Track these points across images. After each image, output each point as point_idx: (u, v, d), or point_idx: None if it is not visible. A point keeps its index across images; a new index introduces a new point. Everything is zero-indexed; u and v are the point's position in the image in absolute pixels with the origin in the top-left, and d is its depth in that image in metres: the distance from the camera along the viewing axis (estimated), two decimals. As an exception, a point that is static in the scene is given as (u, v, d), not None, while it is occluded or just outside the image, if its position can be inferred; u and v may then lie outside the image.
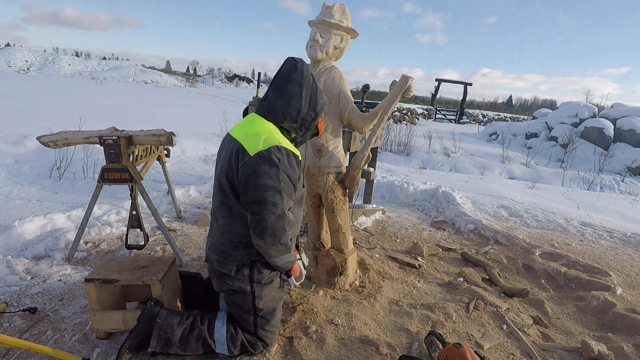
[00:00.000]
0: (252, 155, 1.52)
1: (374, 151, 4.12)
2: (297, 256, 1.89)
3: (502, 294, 2.58)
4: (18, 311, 1.97)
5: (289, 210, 1.60)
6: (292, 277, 1.77)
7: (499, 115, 29.32)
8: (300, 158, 1.65)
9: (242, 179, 1.54)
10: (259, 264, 1.70)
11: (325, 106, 1.74)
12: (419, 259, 3.03)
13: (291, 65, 1.64)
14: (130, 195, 2.68)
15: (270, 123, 1.66)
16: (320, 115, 1.73)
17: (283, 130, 1.70)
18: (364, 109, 3.15)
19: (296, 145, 1.79)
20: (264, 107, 1.67)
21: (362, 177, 3.40)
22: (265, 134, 1.57)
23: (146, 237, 2.72)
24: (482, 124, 24.66)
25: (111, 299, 1.88)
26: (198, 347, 1.67)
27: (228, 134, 1.70)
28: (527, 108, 78.31)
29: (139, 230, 2.94)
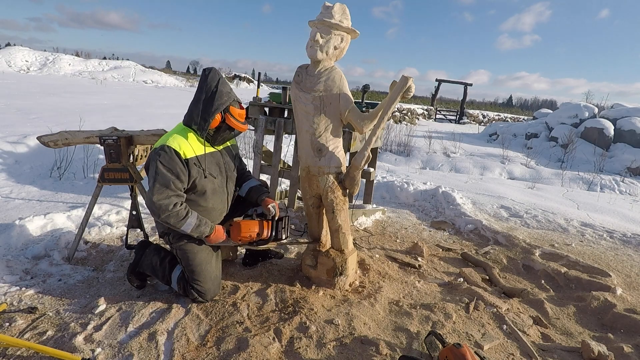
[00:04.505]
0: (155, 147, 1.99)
1: (374, 151, 4.12)
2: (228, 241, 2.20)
3: (502, 294, 2.58)
4: (18, 311, 1.97)
5: (171, 198, 1.93)
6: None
7: (499, 115, 29.27)
8: (188, 155, 1.96)
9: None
10: (171, 234, 2.11)
11: (222, 105, 2.01)
12: (419, 259, 3.03)
13: (202, 75, 2.03)
14: (130, 195, 2.69)
15: (184, 126, 2.06)
16: (215, 116, 2.00)
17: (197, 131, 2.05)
18: (364, 109, 3.15)
19: (216, 143, 2.12)
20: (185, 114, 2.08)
21: (362, 178, 3.40)
22: (166, 135, 2.02)
23: (146, 237, 2.72)
24: (482, 124, 24.65)
25: None
26: (163, 278, 2.19)
27: None
28: (527, 108, 78.24)
29: (139, 230, 2.94)
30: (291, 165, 3.95)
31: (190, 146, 2.01)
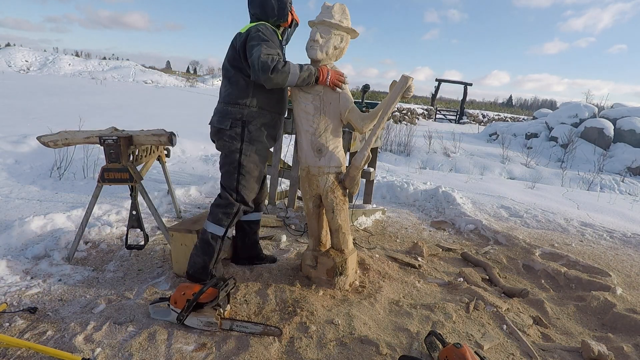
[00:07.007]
0: (244, 32, 2.14)
1: (374, 151, 4.12)
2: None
3: (502, 294, 2.58)
4: (18, 311, 1.97)
5: (278, 57, 2.03)
6: (329, 81, 2.15)
7: (499, 115, 29.29)
8: (278, 31, 2.27)
9: (241, 48, 2.12)
10: (250, 125, 2.19)
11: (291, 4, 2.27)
12: (419, 259, 3.03)
13: None
14: (130, 195, 2.68)
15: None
16: (290, 5, 2.26)
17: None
18: (364, 109, 3.15)
19: (285, 41, 2.38)
20: (255, 18, 2.29)
21: (362, 177, 3.40)
22: (254, 23, 2.19)
23: (146, 237, 2.72)
24: (482, 124, 24.66)
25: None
26: (199, 254, 2.27)
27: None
28: (527, 108, 78.21)
29: (139, 230, 2.94)
30: (291, 165, 3.95)
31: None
